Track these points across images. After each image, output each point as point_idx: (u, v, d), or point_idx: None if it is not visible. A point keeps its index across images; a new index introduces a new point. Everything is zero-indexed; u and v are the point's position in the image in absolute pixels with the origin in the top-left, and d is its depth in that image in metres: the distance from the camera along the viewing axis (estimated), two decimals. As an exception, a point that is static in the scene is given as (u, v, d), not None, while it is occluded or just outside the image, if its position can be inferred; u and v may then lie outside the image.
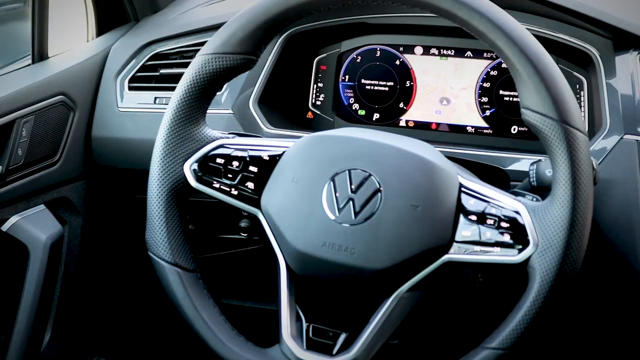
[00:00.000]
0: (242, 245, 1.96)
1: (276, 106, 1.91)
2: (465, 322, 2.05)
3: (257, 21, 1.31)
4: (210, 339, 1.33)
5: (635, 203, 1.56)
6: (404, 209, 1.23)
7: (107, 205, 2.12)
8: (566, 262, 1.19)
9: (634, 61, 1.66)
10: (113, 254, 2.24)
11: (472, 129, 1.92)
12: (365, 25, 1.93)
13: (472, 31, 1.23)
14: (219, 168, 1.36)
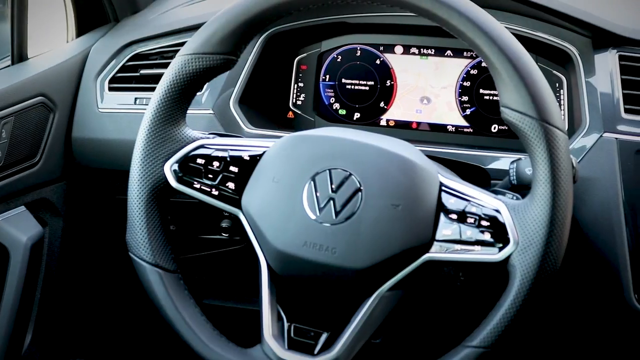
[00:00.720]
0: (224, 245, 1.96)
1: (257, 106, 1.91)
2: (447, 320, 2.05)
3: (236, 21, 1.31)
4: (192, 340, 1.33)
5: (614, 201, 1.57)
6: (385, 208, 1.24)
7: (88, 206, 2.12)
8: (546, 260, 1.19)
9: (613, 59, 1.67)
10: (94, 255, 2.23)
11: (453, 127, 1.93)
12: (346, 25, 1.94)
13: (451, 30, 1.23)
14: (200, 168, 1.36)
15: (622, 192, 1.57)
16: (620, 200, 1.57)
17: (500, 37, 1.20)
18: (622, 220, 1.57)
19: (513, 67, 1.19)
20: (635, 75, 1.64)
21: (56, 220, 2.02)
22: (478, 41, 1.21)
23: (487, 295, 1.39)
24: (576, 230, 1.60)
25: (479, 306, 1.41)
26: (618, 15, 1.74)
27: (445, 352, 1.28)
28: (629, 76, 1.64)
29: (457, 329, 1.43)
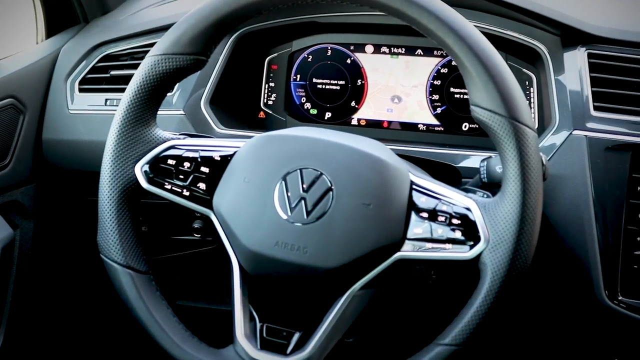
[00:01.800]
0: (196, 246, 1.96)
1: (228, 106, 1.91)
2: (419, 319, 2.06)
3: (206, 21, 1.30)
4: (164, 341, 1.33)
5: (584, 198, 1.58)
6: (356, 207, 1.24)
7: (59, 208, 2.11)
8: (517, 257, 1.20)
9: (582, 57, 1.68)
10: (65, 257, 2.22)
11: (424, 126, 1.93)
12: (316, 25, 1.94)
13: (421, 29, 1.23)
14: (170, 169, 1.36)
15: (592, 190, 1.58)
16: (590, 197, 1.58)
17: (469, 35, 1.21)
18: (592, 217, 1.58)
19: (482, 65, 1.20)
20: (604, 72, 1.65)
21: (27, 222, 2.01)
22: (447, 40, 1.21)
23: (459, 293, 1.39)
24: (547, 228, 1.61)
25: (451, 304, 1.41)
26: (587, 13, 1.75)
27: (417, 350, 1.28)
28: (598, 74, 1.65)
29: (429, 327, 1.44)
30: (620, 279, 1.59)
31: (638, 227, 1.58)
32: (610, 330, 1.70)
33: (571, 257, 1.60)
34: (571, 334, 1.97)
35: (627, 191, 1.58)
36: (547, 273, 1.69)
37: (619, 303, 1.59)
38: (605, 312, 1.60)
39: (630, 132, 1.59)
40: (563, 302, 1.77)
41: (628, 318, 1.60)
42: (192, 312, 2.21)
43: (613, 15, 1.79)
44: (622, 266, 1.59)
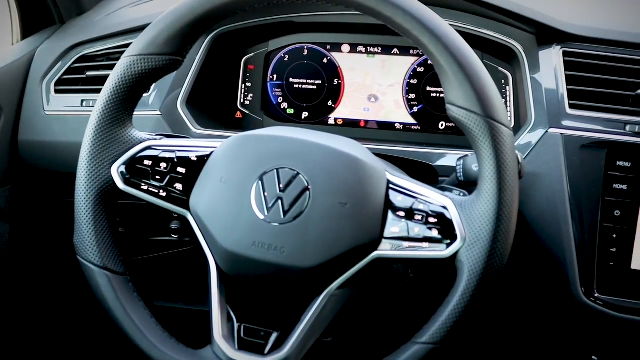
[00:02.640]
0: (173, 247, 1.95)
1: (205, 107, 1.91)
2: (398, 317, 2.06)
3: (182, 21, 1.30)
4: (141, 342, 1.32)
5: (560, 196, 1.59)
6: (333, 206, 1.24)
7: (36, 209, 2.10)
8: (493, 255, 1.20)
9: (557, 55, 1.68)
10: (42, 258, 2.21)
11: (401, 125, 1.94)
12: (292, 24, 1.94)
13: (396, 28, 1.24)
14: (147, 170, 1.35)
15: (567, 187, 1.58)
16: (567, 195, 1.58)
17: (444, 34, 1.21)
18: (569, 215, 1.58)
19: (458, 64, 1.20)
20: (579, 70, 1.66)
21: (3, 224, 2.00)
22: (423, 39, 1.21)
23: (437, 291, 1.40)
24: (523, 226, 1.61)
25: (428, 303, 1.41)
26: (562, 12, 1.76)
27: (396, 349, 1.28)
28: (573, 72, 1.66)
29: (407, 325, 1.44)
30: (597, 276, 1.60)
31: (614, 225, 1.59)
32: (587, 327, 1.71)
33: (548, 255, 1.61)
34: (548, 331, 1.97)
35: (603, 188, 1.59)
36: (524, 271, 1.70)
37: (595, 300, 1.60)
38: (582, 309, 1.61)
39: (606, 129, 1.60)
40: (540, 300, 1.78)
41: (604, 315, 1.61)
42: (171, 313, 2.21)
43: (588, 14, 1.80)
44: (599, 263, 1.59)
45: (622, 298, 1.60)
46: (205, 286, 1.33)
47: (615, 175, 1.59)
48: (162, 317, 1.40)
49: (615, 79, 1.64)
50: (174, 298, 2.24)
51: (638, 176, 1.58)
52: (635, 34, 1.69)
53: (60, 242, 2.03)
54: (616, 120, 1.61)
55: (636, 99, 1.61)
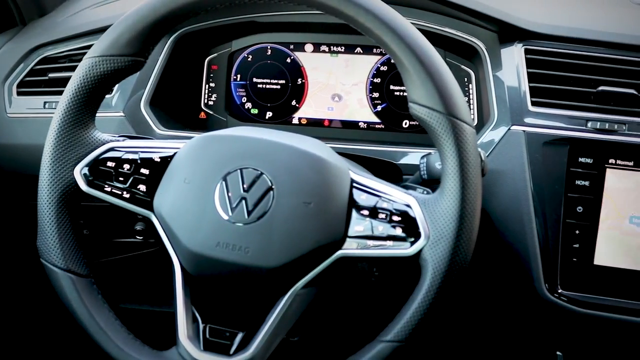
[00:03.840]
0: (138, 248, 1.95)
1: (168, 107, 1.90)
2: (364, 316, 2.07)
3: (143, 22, 1.30)
4: (106, 344, 1.32)
5: (524, 193, 1.60)
6: (297, 206, 1.24)
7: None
8: (457, 253, 1.21)
9: (519, 53, 1.69)
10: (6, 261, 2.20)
11: (364, 124, 1.94)
12: (255, 24, 1.94)
13: (358, 28, 1.24)
14: (110, 171, 1.34)
15: (530, 184, 1.59)
16: (530, 191, 1.60)
17: (406, 33, 1.21)
18: (532, 212, 1.59)
19: (420, 62, 1.20)
20: (540, 68, 1.67)
21: (-34, 227, 1.99)
22: (385, 38, 1.22)
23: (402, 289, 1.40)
24: (487, 223, 1.62)
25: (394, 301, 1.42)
26: (523, 9, 1.77)
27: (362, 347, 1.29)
28: (535, 69, 1.67)
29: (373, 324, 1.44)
30: (560, 272, 1.61)
31: (576, 221, 1.60)
32: (552, 323, 1.72)
33: (511, 252, 1.62)
34: (513, 328, 1.99)
35: (565, 185, 1.60)
36: (488, 268, 1.71)
37: (559, 296, 1.61)
38: (546, 305, 1.62)
39: (567, 126, 1.61)
40: (504, 296, 1.79)
41: (568, 311, 1.62)
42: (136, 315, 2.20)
43: (549, 12, 1.81)
44: (562, 259, 1.61)
45: (585, 294, 1.62)
46: (171, 287, 1.32)
47: (578, 172, 1.60)
48: (127, 319, 1.39)
49: (577, 76, 1.65)
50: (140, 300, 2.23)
51: (600, 172, 1.59)
52: (596, 31, 1.70)
53: (24, 245, 2.02)
54: (578, 117, 1.62)
55: (597, 95, 1.63)
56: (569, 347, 1.82)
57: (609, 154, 1.60)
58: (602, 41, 1.69)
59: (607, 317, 1.62)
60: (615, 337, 1.70)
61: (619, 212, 1.59)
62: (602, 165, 1.60)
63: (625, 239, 1.60)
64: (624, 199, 1.59)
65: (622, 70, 1.65)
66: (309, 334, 2.07)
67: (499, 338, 2.12)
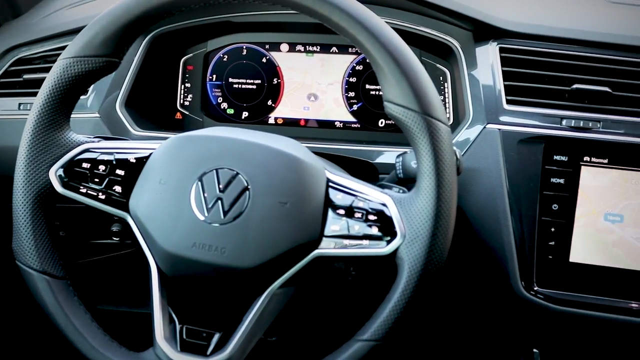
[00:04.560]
0: (115, 249, 1.94)
1: (144, 108, 1.90)
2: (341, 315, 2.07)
3: (117, 23, 1.29)
4: (83, 346, 1.31)
5: (499, 191, 1.60)
6: (273, 206, 1.24)
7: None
8: (433, 251, 1.21)
9: (494, 52, 1.70)
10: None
11: (340, 123, 1.94)
12: (230, 24, 1.94)
13: (333, 27, 1.24)
14: (85, 173, 1.34)
15: (506, 182, 1.60)
16: (505, 190, 1.60)
17: (381, 32, 1.22)
18: (508, 210, 1.60)
19: (394, 62, 1.21)
20: (515, 66, 1.67)
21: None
22: (360, 37, 1.22)
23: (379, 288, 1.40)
24: (463, 221, 1.63)
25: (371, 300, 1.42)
26: (498, 8, 1.78)
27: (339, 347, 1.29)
28: (510, 68, 1.67)
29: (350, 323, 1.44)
30: (536, 269, 1.62)
31: (552, 218, 1.61)
32: (528, 320, 1.73)
33: (488, 250, 1.62)
34: (490, 325, 1.99)
35: (541, 183, 1.61)
36: (464, 266, 1.72)
37: (535, 294, 1.62)
38: (522, 303, 1.63)
39: (542, 124, 1.62)
40: (481, 294, 1.80)
41: (544, 308, 1.63)
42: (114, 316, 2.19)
43: (524, 10, 1.82)
44: (538, 257, 1.61)
45: (561, 291, 1.62)
46: (147, 289, 1.32)
47: (553, 170, 1.61)
48: (104, 320, 1.39)
49: (552, 74, 1.66)
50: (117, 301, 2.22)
51: (575, 170, 1.60)
52: (571, 30, 1.71)
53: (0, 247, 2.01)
54: (553, 115, 1.63)
55: (572, 93, 1.63)
56: (545, 344, 1.83)
57: (584, 152, 1.61)
58: (577, 39, 1.70)
59: (583, 314, 1.63)
60: (591, 334, 1.71)
61: (594, 209, 1.60)
62: (577, 162, 1.61)
63: (601, 236, 1.61)
64: (599, 196, 1.60)
65: (596, 68, 1.66)
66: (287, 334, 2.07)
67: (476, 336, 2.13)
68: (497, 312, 1.82)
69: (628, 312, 1.62)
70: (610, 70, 1.65)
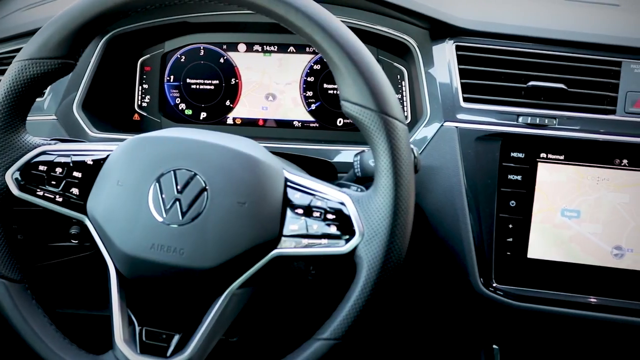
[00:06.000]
0: (74, 252, 1.92)
1: (101, 110, 1.89)
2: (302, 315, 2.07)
3: (73, 24, 1.29)
4: (41, 350, 1.31)
5: (457, 188, 1.61)
6: (231, 206, 1.24)
7: None
8: (391, 249, 1.22)
9: (450, 50, 1.71)
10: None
11: (299, 123, 1.94)
12: (187, 25, 1.93)
13: (289, 27, 1.24)
14: (42, 175, 1.33)
15: (464, 179, 1.61)
16: (463, 187, 1.61)
17: (336, 31, 1.22)
18: (466, 207, 1.61)
19: (351, 60, 1.21)
20: (471, 64, 1.68)
21: None
22: (316, 37, 1.22)
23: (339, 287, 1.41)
24: (422, 219, 1.64)
25: (331, 299, 1.42)
26: (454, 6, 1.78)
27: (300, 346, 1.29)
28: (466, 65, 1.68)
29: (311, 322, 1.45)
30: (495, 266, 1.63)
31: (510, 215, 1.62)
32: (488, 317, 1.74)
33: (447, 247, 1.63)
34: (450, 322, 2.00)
35: (498, 180, 1.62)
36: (424, 263, 1.72)
37: (494, 290, 1.63)
38: (481, 299, 1.64)
39: (499, 121, 1.63)
40: (440, 292, 1.80)
41: (503, 304, 1.64)
42: (73, 319, 2.18)
43: (479, 8, 1.83)
44: (496, 254, 1.62)
45: (519, 287, 1.64)
46: (107, 291, 1.32)
47: (510, 166, 1.62)
48: (63, 324, 1.38)
49: (508, 72, 1.67)
50: (76, 304, 2.21)
51: (532, 166, 1.61)
52: (526, 27, 1.72)
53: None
54: (509, 112, 1.64)
55: (528, 90, 1.65)
56: (505, 340, 1.84)
57: (540, 148, 1.62)
58: (532, 37, 1.71)
59: (541, 309, 1.64)
60: (549, 329, 1.73)
61: (551, 205, 1.62)
62: (534, 159, 1.62)
63: (558, 231, 1.62)
64: (556, 192, 1.61)
65: (551, 66, 1.67)
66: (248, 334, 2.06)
67: (436, 333, 2.14)
68: (457, 309, 1.82)
69: (586, 307, 1.63)
70: (565, 67, 1.66)
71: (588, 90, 1.65)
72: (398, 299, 1.93)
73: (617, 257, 1.62)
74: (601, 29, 1.73)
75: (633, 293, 1.63)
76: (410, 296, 1.94)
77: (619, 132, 1.61)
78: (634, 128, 1.61)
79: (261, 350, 2.18)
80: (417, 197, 1.27)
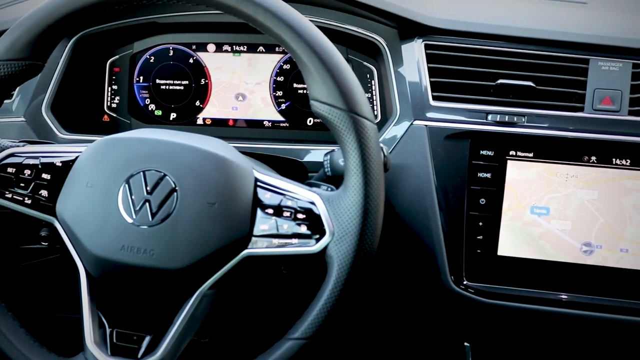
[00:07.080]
0: (44, 254, 1.92)
1: (70, 111, 1.88)
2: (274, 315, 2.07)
3: (40, 25, 1.28)
4: (11, 353, 1.30)
5: (427, 187, 1.61)
6: (201, 207, 1.24)
7: None
8: (362, 248, 1.22)
9: (419, 49, 1.71)
10: None
11: (269, 123, 1.94)
12: (156, 25, 1.92)
13: (258, 26, 1.24)
14: (11, 177, 1.33)
15: (434, 178, 1.61)
16: (433, 185, 1.61)
17: (305, 31, 1.22)
18: (436, 205, 1.61)
19: (319, 60, 1.21)
20: (440, 63, 1.69)
21: None
22: (284, 36, 1.22)
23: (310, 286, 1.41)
24: (392, 217, 1.64)
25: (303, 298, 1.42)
26: (423, 5, 1.79)
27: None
28: (435, 64, 1.68)
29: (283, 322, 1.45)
30: (465, 264, 1.64)
31: (480, 213, 1.62)
32: (459, 314, 1.74)
33: (417, 245, 1.64)
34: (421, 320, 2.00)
35: (468, 178, 1.62)
36: (395, 262, 1.72)
37: (465, 288, 1.64)
38: (453, 297, 1.64)
39: (468, 120, 1.64)
40: (411, 290, 1.81)
41: (474, 302, 1.64)
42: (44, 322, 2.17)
43: (448, 6, 1.83)
44: (466, 251, 1.63)
45: (490, 284, 1.64)
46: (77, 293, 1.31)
47: (479, 164, 1.62)
48: (34, 326, 1.38)
49: (476, 70, 1.68)
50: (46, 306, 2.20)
51: (501, 164, 1.62)
52: (494, 25, 1.73)
53: None
54: (478, 110, 1.65)
55: (497, 88, 1.65)
56: (476, 337, 1.85)
57: (510, 146, 1.63)
58: (500, 35, 1.71)
59: (512, 306, 1.65)
60: (520, 326, 1.73)
61: (521, 202, 1.62)
62: (503, 157, 1.62)
63: (527, 229, 1.63)
64: (525, 189, 1.62)
65: (520, 63, 1.68)
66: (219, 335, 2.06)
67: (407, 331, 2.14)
68: (428, 307, 1.83)
69: (556, 304, 1.64)
70: (533, 65, 1.67)
71: (556, 88, 1.65)
72: (370, 298, 1.93)
73: (586, 253, 1.63)
74: (569, 26, 1.74)
75: (602, 289, 1.64)
76: (382, 295, 1.94)
77: (587, 129, 1.62)
78: (601, 125, 1.62)
79: (233, 350, 2.18)
80: (387, 196, 1.27)
